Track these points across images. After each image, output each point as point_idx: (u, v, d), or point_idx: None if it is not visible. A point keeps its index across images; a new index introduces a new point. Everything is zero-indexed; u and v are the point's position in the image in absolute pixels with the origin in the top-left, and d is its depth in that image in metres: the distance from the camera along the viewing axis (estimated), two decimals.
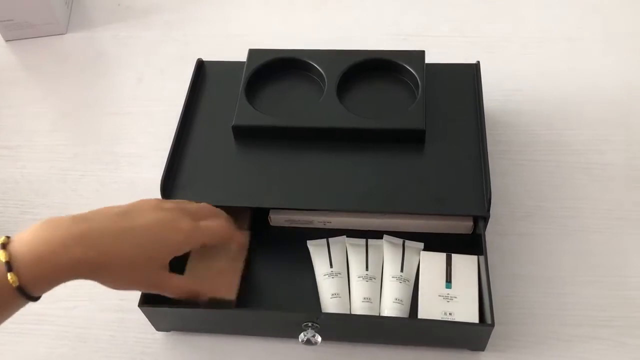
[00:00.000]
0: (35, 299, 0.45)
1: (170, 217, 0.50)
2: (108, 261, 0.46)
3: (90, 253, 0.45)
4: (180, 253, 0.51)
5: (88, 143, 0.74)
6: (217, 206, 0.58)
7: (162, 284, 0.50)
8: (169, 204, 0.52)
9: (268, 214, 0.61)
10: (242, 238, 0.57)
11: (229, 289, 0.55)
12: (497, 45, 0.78)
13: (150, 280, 0.50)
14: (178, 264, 0.54)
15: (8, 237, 0.45)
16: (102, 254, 0.46)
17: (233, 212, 0.59)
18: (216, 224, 0.53)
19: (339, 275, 0.56)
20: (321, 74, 0.65)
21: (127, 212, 0.49)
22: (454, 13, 0.82)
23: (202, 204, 0.55)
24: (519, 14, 0.81)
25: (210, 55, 0.71)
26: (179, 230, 0.49)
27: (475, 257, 0.55)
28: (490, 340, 0.52)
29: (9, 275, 0.43)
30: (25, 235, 0.45)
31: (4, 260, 0.43)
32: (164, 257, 0.49)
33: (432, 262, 0.56)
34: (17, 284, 0.43)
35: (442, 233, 0.59)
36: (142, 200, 0.52)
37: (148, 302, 0.53)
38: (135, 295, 0.53)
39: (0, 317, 0.45)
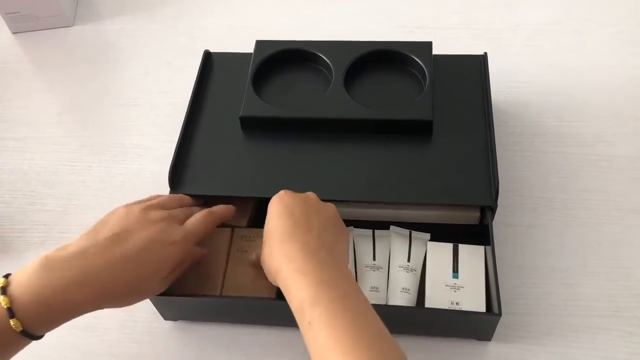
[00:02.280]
0: (39, 337, 0.46)
1: (161, 231, 0.50)
2: (109, 293, 0.47)
3: (90, 293, 0.46)
4: (177, 263, 0.51)
5: (95, 135, 0.74)
6: (224, 197, 0.58)
7: (165, 287, 0.51)
8: (155, 213, 0.51)
9: None
10: (228, 211, 0.57)
11: (213, 291, 0.55)
12: (505, 37, 0.77)
13: (154, 291, 0.51)
14: None
15: (6, 278, 0.46)
16: (102, 289, 0.47)
17: (235, 205, 0.60)
18: (198, 220, 0.53)
19: None
20: (328, 65, 0.65)
21: (117, 235, 0.48)
22: (461, 5, 0.82)
23: (183, 208, 0.54)
24: (526, 6, 0.81)
25: (218, 46, 0.71)
26: (172, 243, 0.50)
27: (482, 248, 0.55)
28: (497, 330, 0.52)
29: (12, 322, 0.44)
30: (24, 278, 0.45)
31: (5, 307, 0.44)
32: (163, 272, 0.50)
33: (439, 252, 0.56)
34: (21, 328, 0.44)
35: (450, 224, 0.59)
36: (128, 211, 0.51)
37: None
38: None
39: (5, 357, 0.46)
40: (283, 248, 0.47)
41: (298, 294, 0.44)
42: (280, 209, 0.49)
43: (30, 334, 0.45)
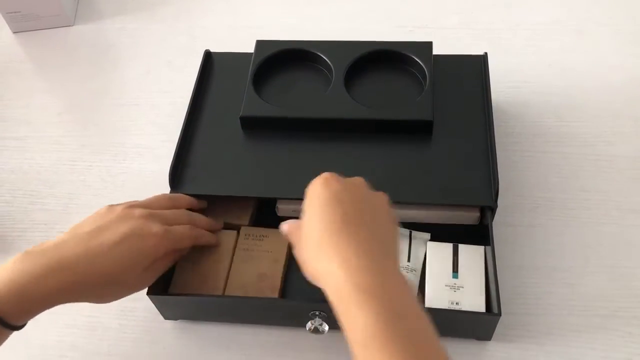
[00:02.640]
0: (19, 327, 0.46)
1: (140, 225, 0.50)
2: (87, 283, 0.47)
3: (67, 280, 0.46)
4: (158, 256, 0.51)
5: (95, 134, 0.74)
6: (224, 196, 0.58)
7: (148, 282, 0.51)
8: (138, 210, 0.51)
9: (275, 204, 0.61)
10: (212, 238, 0.57)
11: (215, 292, 0.55)
12: (505, 37, 0.77)
13: (136, 286, 0.51)
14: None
15: None
16: (79, 278, 0.46)
17: (236, 206, 0.60)
18: (183, 229, 0.53)
19: None
20: (329, 65, 0.65)
21: (97, 229, 0.49)
22: (461, 5, 0.82)
23: (172, 210, 0.55)
24: (526, 6, 0.81)
25: (218, 46, 0.71)
26: (151, 235, 0.50)
27: (481, 248, 0.55)
28: (497, 330, 0.52)
29: None
30: (2, 269, 0.45)
31: None
32: (142, 264, 0.49)
33: (439, 252, 0.56)
34: None
35: (449, 224, 0.59)
36: (110, 209, 0.51)
37: (156, 291, 0.53)
38: None
39: None
40: (330, 246, 0.41)
41: (359, 322, 0.38)
42: (326, 197, 0.43)
43: (8, 324, 0.45)
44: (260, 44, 0.67)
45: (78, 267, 0.46)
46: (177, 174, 0.60)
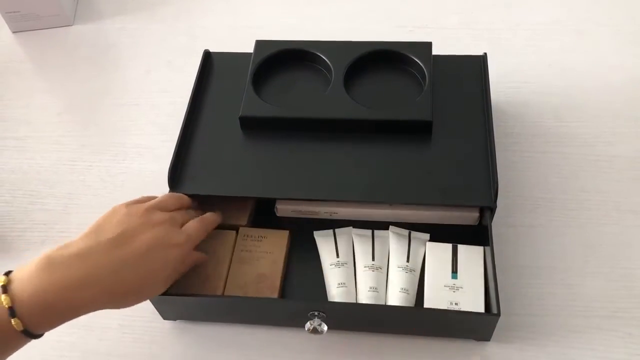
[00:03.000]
0: (39, 336, 0.46)
1: (163, 234, 0.50)
2: (110, 294, 0.47)
3: (92, 295, 0.46)
4: (179, 266, 0.52)
5: (95, 134, 0.74)
6: (223, 196, 0.58)
7: (166, 287, 0.52)
8: (157, 215, 0.52)
9: (275, 204, 0.61)
10: (218, 217, 0.57)
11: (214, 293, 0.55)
12: (505, 37, 0.77)
13: (154, 293, 0.51)
14: None
15: (7, 276, 0.46)
16: (103, 291, 0.47)
17: (234, 206, 0.60)
18: (196, 225, 0.54)
19: (345, 265, 0.56)
20: (328, 65, 0.65)
21: (119, 236, 0.49)
22: (461, 5, 0.82)
23: (185, 210, 0.55)
24: (526, 6, 0.81)
25: (218, 46, 0.71)
26: (174, 246, 0.50)
27: (481, 248, 0.55)
28: (496, 330, 0.52)
29: (13, 321, 0.44)
30: (26, 277, 0.45)
31: (7, 306, 0.44)
32: (164, 275, 0.50)
33: (438, 253, 0.56)
34: (22, 328, 0.44)
35: (449, 224, 0.59)
36: (129, 211, 0.51)
37: None
38: None
39: (4, 355, 0.46)
40: None
41: None
42: None
43: (31, 333, 0.45)
44: (259, 44, 0.67)
45: (102, 281, 0.47)
46: (177, 174, 0.60)
